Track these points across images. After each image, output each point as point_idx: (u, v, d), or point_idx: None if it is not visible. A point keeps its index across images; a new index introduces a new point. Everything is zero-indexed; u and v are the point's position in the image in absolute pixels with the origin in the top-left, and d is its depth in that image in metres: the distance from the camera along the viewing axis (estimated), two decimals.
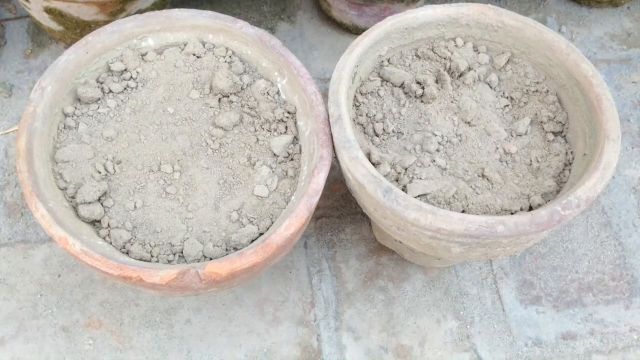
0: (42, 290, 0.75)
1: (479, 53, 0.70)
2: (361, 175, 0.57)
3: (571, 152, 0.65)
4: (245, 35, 0.69)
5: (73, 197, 0.61)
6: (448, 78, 0.68)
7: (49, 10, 0.80)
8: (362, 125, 0.66)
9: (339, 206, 0.83)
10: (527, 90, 0.68)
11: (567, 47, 0.65)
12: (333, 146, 0.62)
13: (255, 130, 0.67)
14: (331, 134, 0.62)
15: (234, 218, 0.62)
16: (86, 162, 0.63)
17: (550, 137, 0.66)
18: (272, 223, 0.62)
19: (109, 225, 0.60)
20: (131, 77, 0.68)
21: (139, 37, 0.69)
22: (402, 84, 0.69)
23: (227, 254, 0.59)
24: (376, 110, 0.67)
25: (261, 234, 0.61)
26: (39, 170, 0.59)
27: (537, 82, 0.68)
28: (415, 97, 0.68)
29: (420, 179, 0.61)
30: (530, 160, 0.64)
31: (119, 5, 0.79)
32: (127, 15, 0.80)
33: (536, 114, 0.67)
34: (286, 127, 0.67)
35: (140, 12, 0.82)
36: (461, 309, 0.76)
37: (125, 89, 0.68)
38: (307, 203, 0.59)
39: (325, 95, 0.67)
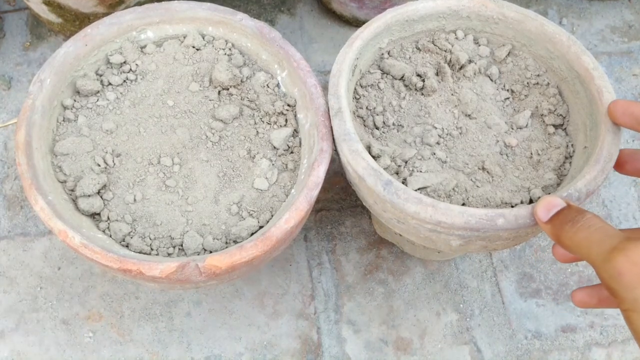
0: (42, 283, 0.75)
1: (479, 45, 0.70)
2: (361, 168, 0.57)
3: (572, 144, 0.64)
4: (245, 27, 0.68)
5: (72, 190, 0.61)
6: (448, 71, 0.68)
7: (48, 3, 0.80)
8: (362, 118, 0.66)
9: (339, 199, 0.82)
10: (527, 83, 0.68)
11: (568, 39, 0.65)
12: (333, 139, 0.62)
13: (255, 123, 0.67)
14: (331, 127, 0.62)
15: (233, 211, 0.62)
16: (85, 155, 0.63)
17: (551, 130, 0.66)
18: (272, 216, 0.62)
19: (108, 218, 0.60)
20: (130, 69, 0.68)
21: (138, 29, 0.68)
22: (402, 77, 0.68)
23: (227, 247, 0.59)
24: (376, 103, 0.67)
25: (261, 227, 0.61)
26: (38, 163, 0.59)
27: (538, 75, 0.68)
28: (416, 89, 0.68)
29: (421, 171, 0.61)
30: (531, 153, 0.64)
31: None
32: (126, 7, 0.80)
33: (537, 107, 0.67)
34: (286, 120, 0.67)
35: (140, 4, 0.82)
36: (461, 302, 0.76)
37: (124, 81, 0.67)
38: (307, 196, 0.59)
39: (325, 88, 0.67)
